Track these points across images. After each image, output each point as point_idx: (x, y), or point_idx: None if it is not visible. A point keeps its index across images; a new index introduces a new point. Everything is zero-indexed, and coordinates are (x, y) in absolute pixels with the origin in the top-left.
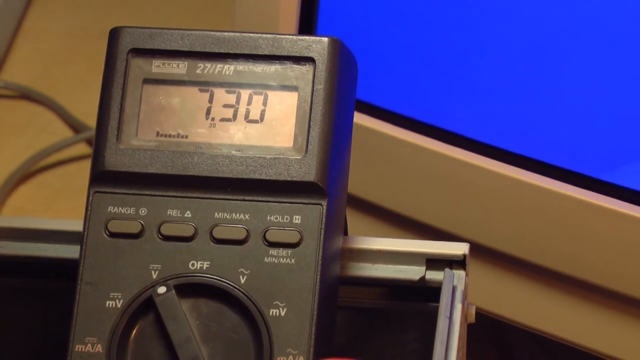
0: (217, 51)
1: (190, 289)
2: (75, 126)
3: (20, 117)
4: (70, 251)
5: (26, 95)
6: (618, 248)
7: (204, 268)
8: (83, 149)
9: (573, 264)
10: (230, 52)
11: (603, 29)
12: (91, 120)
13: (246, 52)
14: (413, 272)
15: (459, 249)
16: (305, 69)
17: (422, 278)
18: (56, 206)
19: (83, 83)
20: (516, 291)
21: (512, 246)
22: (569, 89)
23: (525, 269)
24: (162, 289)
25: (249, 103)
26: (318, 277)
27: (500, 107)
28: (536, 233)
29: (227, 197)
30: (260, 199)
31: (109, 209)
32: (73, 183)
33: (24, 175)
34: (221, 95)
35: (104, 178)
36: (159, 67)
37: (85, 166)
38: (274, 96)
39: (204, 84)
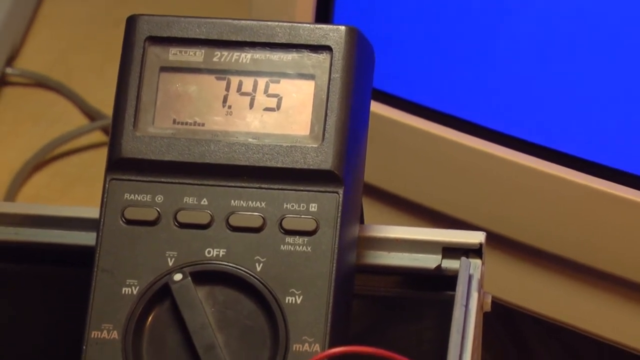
0: (234, 39)
1: (206, 276)
2: (91, 114)
3: (36, 105)
4: (85, 238)
5: (42, 83)
6: (636, 238)
7: (220, 255)
8: (98, 137)
9: (589, 253)
10: (247, 40)
11: (620, 16)
12: (107, 108)
13: (263, 40)
14: (429, 261)
15: (476, 237)
16: (322, 58)
17: (438, 267)
18: (71, 194)
19: (99, 71)
20: (531, 280)
21: (528, 235)
22: (587, 78)
23: (540, 258)
24: (178, 276)
25: (266, 91)
26: (334, 265)
27: (517, 96)
28: (552, 222)
29: (243, 184)
30: (276, 186)
31: (125, 196)
32: (88, 171)
33: (39, 163)
34: (238, 83)
35: (120, 165)
36: (175, 55)
37: (101, 154)
38: (291, 84)
39: (221, 72)
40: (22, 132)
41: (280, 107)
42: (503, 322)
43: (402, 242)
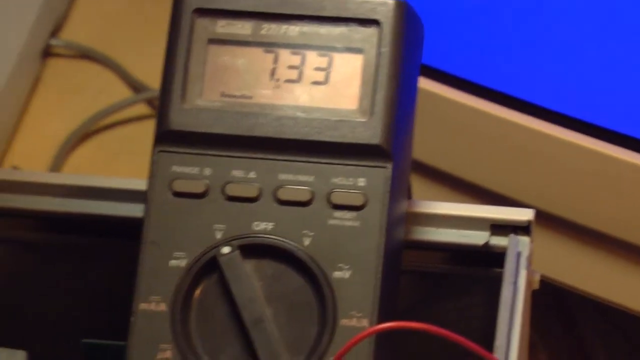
0: (282, 12)
1: (254, 249)
2: (135, 86)
3: (80, 77)
4: (133, 210)
5: (86, 54)
6: None
7: (268, 229)
8: (142, 109)
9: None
10: (296, 13)
11: None
12: (151, 81)
13: (311, 13)
14: (477, 237)
15: (524, 214)
16: (371, 31)
17: (486, 243)
18: (114, 166)
19: (143, 43)
20: (581, 258)
21: (578, 213)
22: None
23: (590, 237)
24: (226, 249)
25: (314, 65)
26: (383, 240)
27: (567, 74)
28: (603, 200)
29: (291, 158)
30: (324, 161)
31: (173, 168)
32: (132, 143)
33: (84, 135)
34: (286, 57)
35: (168, 138)
36: (223, 27)
37: (145, 126)
38: (339, 58)
39: (269, 45)
40: (66, 104)
41: (329, 80)
42: (550, 301)
43: (451, 218)
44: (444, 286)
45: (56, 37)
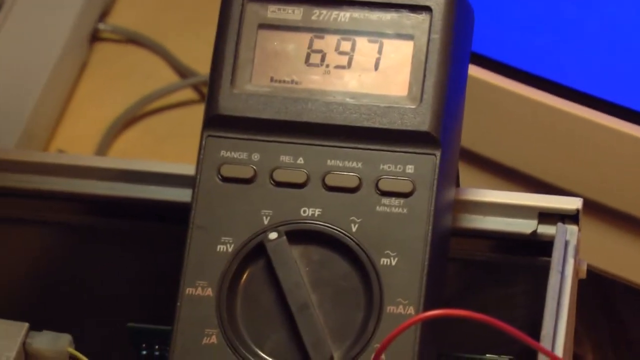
0: None
1: (301, 235)
2: (182, 71)
3: (128, 62)
4: (180, 194)
5: (133, 39)
6: None
7: (316, 215)
8: (189, 94)
9: None
10: None
11: None
12: (198, 66)
13: None
14: (525, 226)
15: (572, 203)
16: (422, 18)
17: (534, 232)
18: (161, 151)
19: (191, 28)
20: (628, 248)
21: (626, 203)
22: None
23: (636, 226)
24: (273, 235)
25: (364, 51)
26: (430, 227)
27: (619, 63)
28: None
29: (340, 144)
30: (373, 147)
31: (221, 153)
32: (179, 128)
33: (130, 119)
34: (336, 42)
35: (217, 122)
36: (274, 12)
37: (191, 112)
38: (390, 44)
39: (319, 31)
40: (113, 88)
41: (379, 67)
42: (594, 291)
43: (498, 206)
44: (490, 274)
45: (104, 22)
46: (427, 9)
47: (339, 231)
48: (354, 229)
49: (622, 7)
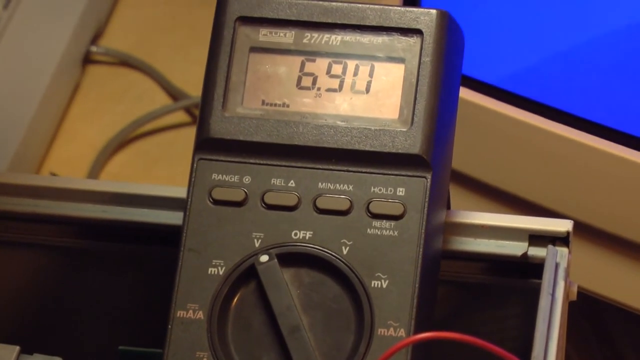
0: (324, 21)
1: (293, 258)
2: (174, 94)
3: (120, 84)
4: (171, 217)
5: (126, 62)
6: None
7: (307, 238)
8: (181, 117)
9: None
10: (338, 22)
11: None
12: (190, 88)
13: (353, 22)
14: (515, 248)
15: (563, 226)
16: (413, 41)
17: (525, 254)
18: (153, 173)
19: (183, 51)
20: (618, 270)
21: (616, 225)
22: None
23: (626, 248)
24: (264, 258)
25: (355, 74)
26: (421, 250)
27: (607, 85)
28: None
29: (331, 167)
30: (364, 170)
31: (213, 176)
32: (171, 151)
33: (122, 141)
34: (327, 66)
35: (209, 145)
36: (266, 35)
37: (183, 134)
38: (381, 67)
39: (311, 54)
40: (105, 111)
41: (370, 90)
42: (585, 313)
43: (489, 228)
44: (481, 296)
45: (96, 44)
46: (418, 32)
47: (330, 254)
48: (344, 252)
49: (617, 30)
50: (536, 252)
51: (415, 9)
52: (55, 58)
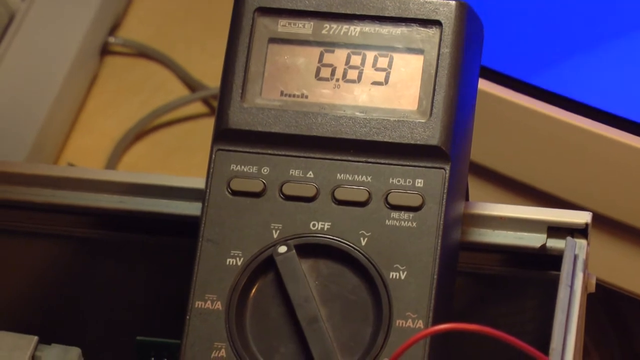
0: (343, 12)
1: (311, 249)
2: (192, 85)
3: (137, 75)
4: (190, 208)
5: (143, 53)
6: None
7: (325, 229)
8: (199, 107)
9: None
10: (357, 13)
11: None
12: (208, 79)
13: (372, 13)
14: (534, 240)
15: (582, 217)
16: (432, 32)
17: (543, 246)
18: (170, 164)
19: (200, 42)
20: (636, 262)
21: (634, 217)
22: None
23: None
24: (282, 249)
25: (374, 65)
26: (439, 241)
27: (627, 77)
28: None
29: (349, 158)
30: (382, 161)
31: (231, 167)
32: (188, 141)
33: (140, 133)
34: (346, 57)
35: (227, 136)
36: (284, 26)
37: (201, 125)
38: (400, 58)
39: (330, 45)
40: (123, 102)
41: (389, 81)
42: (603, 305)
43: (507, 220)
44: (499, 288)
45: (114, 35)
46: (437, 23)
47: (348, 245)
48: (363, 243)
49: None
50: (555, 243)
51: (434, 0)
52: (73, 49)
